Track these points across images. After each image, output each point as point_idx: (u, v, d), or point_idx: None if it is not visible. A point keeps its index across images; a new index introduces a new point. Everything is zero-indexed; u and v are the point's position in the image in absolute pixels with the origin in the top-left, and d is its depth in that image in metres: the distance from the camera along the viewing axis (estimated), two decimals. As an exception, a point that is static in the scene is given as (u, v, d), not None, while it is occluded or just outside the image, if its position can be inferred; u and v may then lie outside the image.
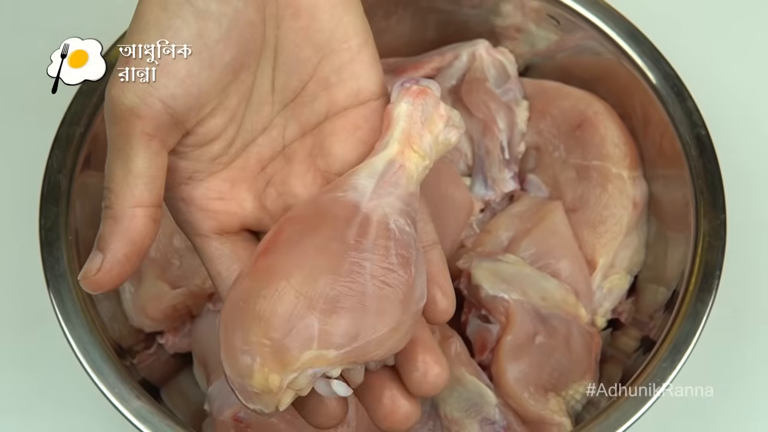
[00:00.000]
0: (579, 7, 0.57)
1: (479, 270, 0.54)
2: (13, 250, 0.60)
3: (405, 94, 0.38)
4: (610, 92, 0.59)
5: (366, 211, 0.35)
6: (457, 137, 0.39)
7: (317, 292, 0.33)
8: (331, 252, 0.34)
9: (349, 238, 0.34)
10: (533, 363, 0.53)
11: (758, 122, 0.67)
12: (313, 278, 0.33)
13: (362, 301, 0.33)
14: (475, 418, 0.51)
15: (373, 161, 0.37)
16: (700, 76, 0.58)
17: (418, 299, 0.35)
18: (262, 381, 0.33)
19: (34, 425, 0.59)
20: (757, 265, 0.62)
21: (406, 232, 0.35)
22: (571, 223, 0.57)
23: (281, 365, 0.33)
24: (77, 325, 0.49)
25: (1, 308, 0.61)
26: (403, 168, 0.37)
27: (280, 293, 0.33)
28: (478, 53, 0.61)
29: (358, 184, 0.36)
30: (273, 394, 0.33)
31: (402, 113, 0.38)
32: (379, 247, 0.35)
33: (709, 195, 0.53)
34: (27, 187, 0.54)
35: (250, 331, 0.33)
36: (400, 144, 0.37)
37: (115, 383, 0.48)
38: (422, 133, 0.38)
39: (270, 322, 0.33)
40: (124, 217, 0.36)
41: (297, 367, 0.33)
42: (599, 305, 0.57)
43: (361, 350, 0.33)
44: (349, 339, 0.33)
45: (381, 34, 0.61)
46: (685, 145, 0.54)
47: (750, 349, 0.61)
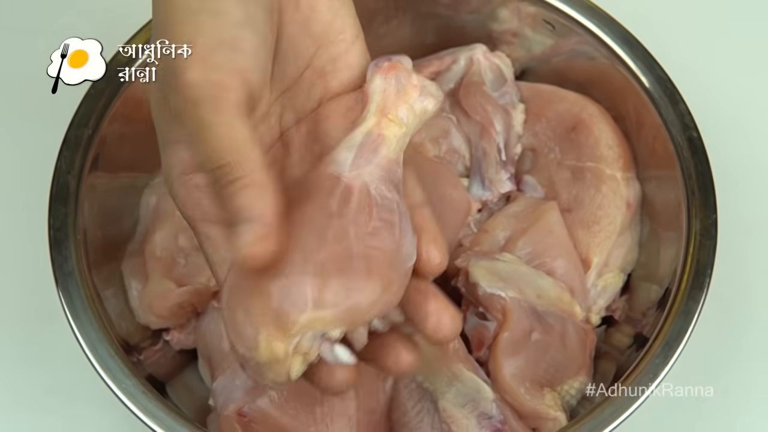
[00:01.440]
0: (574, 12, 0.58)
1: (477, 268, 0.54)
2: (23, 250, 0.60)
3: (378, 72, 0.40)
4: (605, 95, 0.59)
5: (347, 181, 0.37)
6: (434, 105, 0.40)
7: (307, 260, 0.35)
8: (317, 222, 0.36)
9: (332, 207, 0.36)
10: (529, 359, 0.52)
11: (748, 124, 0.67)
12: (302, 248, 0.35)
13: (350, 263, 0.35)
14: (472, 412, 0.50)
15: (353, 135, 0.39)
16: (691, 80, 0.58)
17: (405, 258, 0.37)
18: (268, 350, 0.35)
19: (43, 420, 0.58)
20: (747, 264, 0.62)
21: (387, 197, 0.37)
22: (566, 222, 0.58)
23: (282, 331, 0.34)
24: (85, 322, 0.49)
25: (12, 306, 0.61)
26: (381, 137, 0.39)
27: (275, 267, 0.35)
28: (476, 57, 0.61)
29: (338, 157, 0.38)
30: (281, 362, 0.35)
31: (376, 88, 0.40)
32: (362, 213, 0.36)
33: (701, 195, 0.53)
34: (36, 188, 0.54)
35: (251, 307, 0.35)
36: (376, 116, 0.39)
37: (122, 379, 0.48)
38: (397, 104, 0.39)
39: (267, 294, 0.35)
40: (258, 180, 0.35)
41: (297, 331, 0.34)
42: (594, 303, 0.57)
43: (355, 309, 0.35)
44: (342, 298, 0.35)
45: (381, 38, 0.62)
46: (677, 146, 0.54)
47: (740, 346, 0.61)
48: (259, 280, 0.35)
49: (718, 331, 0.60)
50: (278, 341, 0.35)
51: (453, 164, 0.59)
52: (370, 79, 0.40)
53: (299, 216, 0.36)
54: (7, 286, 0.62)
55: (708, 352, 0.59)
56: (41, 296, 0.54)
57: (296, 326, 0.35)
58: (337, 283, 0.35)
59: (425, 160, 0.57)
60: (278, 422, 0.49)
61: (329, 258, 0.35)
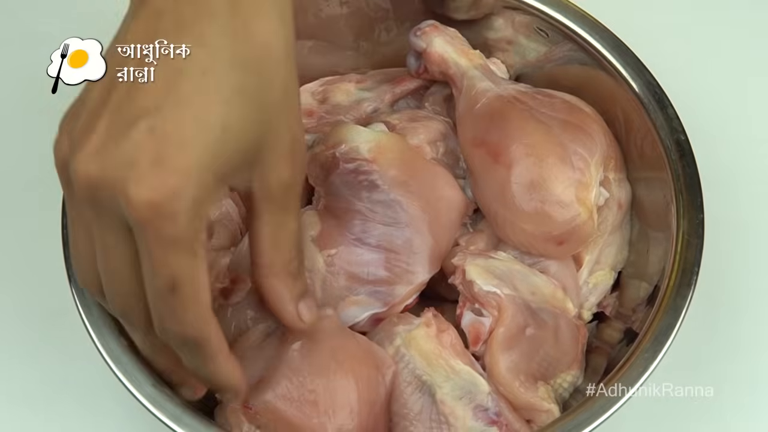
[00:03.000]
0: (566, 20, 0.58)
1: (473, 266, 0.54)
2: (37, 248, 0.60)
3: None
4: (596, 100, 0.59)
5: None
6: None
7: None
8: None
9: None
10: (523, 353, 0.53)
11: (734, 127, 0.68)
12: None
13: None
14: (469, 405, 0.51)
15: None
16: (679, 85, 0.58)
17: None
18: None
19: (57, 410, 0.59)
20: (734, 262, 0.63)
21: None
22: (559, 222, 0.57)
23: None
24: (97, 318, 0.50)
25: (26, 302, 0.61)
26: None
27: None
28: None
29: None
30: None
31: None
32: None
33: (688, 196, 0.54)
34: (51, 190, 0.52)
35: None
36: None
37: (132, 371, 0.48)
38: None
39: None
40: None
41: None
42: (585, 299, 0.57)
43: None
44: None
45: (383, 47, 0.63)
46: (666, 149, 0.55)
47: (726, 341, 0.61)
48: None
49: (703, 326, 0.60)
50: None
51: (450, 166, 0.58)
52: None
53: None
54: (22, 284, 0.62)
55: (694, 347, 0.59)
56: (55, 293, 0.54)
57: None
58: None
59: (424, 162, 0.57)
60: (283, 414, 0.49)
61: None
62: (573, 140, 0.55)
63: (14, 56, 0.65)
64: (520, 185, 0.54)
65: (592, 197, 0.54)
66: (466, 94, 0.58)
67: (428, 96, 0.62)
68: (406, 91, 0.63)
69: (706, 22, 0.72)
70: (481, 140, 0.56)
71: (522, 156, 0.54)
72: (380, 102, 0.62)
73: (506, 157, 0.54)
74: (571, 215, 0.54)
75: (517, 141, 0.55)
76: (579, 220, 0.54)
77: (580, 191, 0.54)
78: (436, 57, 0.59)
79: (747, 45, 0.71)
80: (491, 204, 0.56)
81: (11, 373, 0.60)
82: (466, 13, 0.61)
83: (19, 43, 0.64)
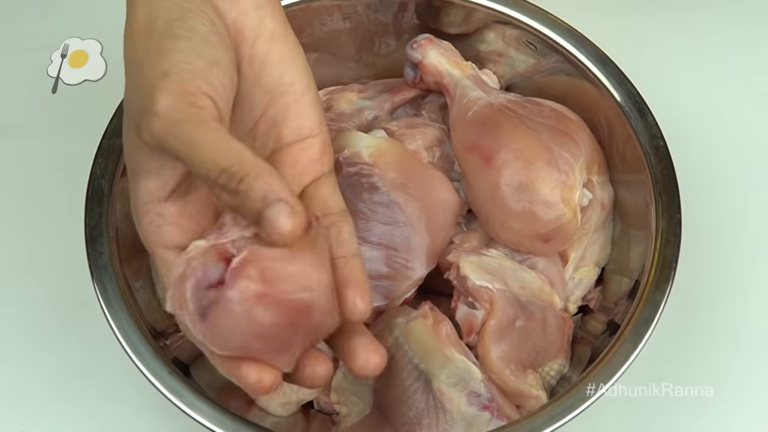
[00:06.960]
0: (553, 34, 0.59)
1: (466, 263, 0.55)
2: (63, 245, 0.60)
3: None
4: (581, 108, 0.60)
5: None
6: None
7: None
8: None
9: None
10: (513, 344, 0.54)
11: (709, 134, 0.68)
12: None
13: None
14: (463, 391, 0.51)
15: None
16: (659, 94, 0.59)
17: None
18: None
19: (80, 398, 0.60)
20: (711, 258, 0.63)
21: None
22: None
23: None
24: (118, 311, 0.51)
25: (52, 296, 0.62)
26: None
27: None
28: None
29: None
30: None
31: None
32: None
33: (667, 197, 0.54)
34: (75, 190, 0.55)
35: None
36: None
37: (151, 361, 0.50)
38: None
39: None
40: (266, 168, 0.35)
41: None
42: (571, 293, 0.58)
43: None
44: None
45: (382, 59, 0.64)
46: (646, 154, 0.56)
47: (702, 336, 0.61)
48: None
49: (681, 320, 0.60)
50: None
51: (446, 170, 0.59)
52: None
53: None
54: (48, 279, 0.63)
55: (670, 342, 0.60)
56: (79, 287, 0.55)
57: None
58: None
59: (421, 166, 0.57)
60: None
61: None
62: (559, 145, 0.56)
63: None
64: (509, 187, 0.55)
65: (576, 198, 0.55)
66: (458, 102, 0.59)
67: (425, 104, 0.63)
68: (404, 99, 0.64)
69: (684, 35, 0.72)
70: (473, 145, 0.57)
71: (511, 159, 0.55)
72: (380, 110, 0.63)
73: (497, 161, 0.55)
74: (557, 215, 0.55)
75: (507, 146, 0.55)
76: (564, 219, 0.55)
77: (565, 192, 0.55)
78: (431, 68, 0.60)
79: (722, 56, 0.71)
80: (483, 204, 0.57)
81: (39, 362, 0.61)
82: (459, 27, 0.63)
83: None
